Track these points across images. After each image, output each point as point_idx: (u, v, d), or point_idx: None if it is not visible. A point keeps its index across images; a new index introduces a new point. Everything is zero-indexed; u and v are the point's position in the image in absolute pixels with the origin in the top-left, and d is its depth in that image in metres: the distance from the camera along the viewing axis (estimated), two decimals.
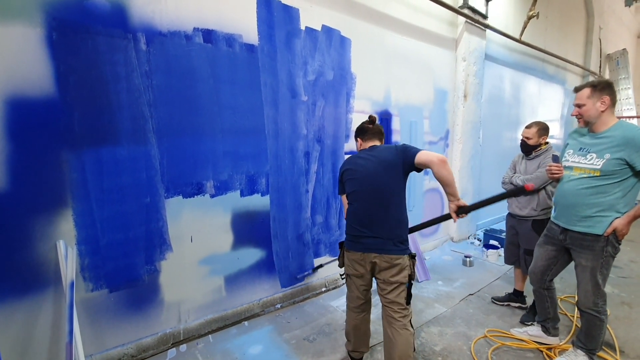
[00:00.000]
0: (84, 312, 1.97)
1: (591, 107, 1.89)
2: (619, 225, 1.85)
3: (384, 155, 1.86)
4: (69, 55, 1.81)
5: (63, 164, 1.84)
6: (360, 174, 1.88)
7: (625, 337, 2.45)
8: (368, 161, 1.87)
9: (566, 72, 7.31)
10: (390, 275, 1.81)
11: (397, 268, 1.80)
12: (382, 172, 1.82)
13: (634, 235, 5.10)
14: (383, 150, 1.89)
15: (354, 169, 1.92)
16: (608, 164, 1.82)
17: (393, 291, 1.83)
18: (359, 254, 1.88)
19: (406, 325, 1.82)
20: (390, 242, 1.81)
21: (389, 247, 1.81)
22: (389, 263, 1.80)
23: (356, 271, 1.92)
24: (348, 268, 1.98)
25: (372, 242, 1.83)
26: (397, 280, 1.81)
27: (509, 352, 2.31)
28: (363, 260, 1.87)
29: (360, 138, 2.05)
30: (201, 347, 2.34)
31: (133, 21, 1.98)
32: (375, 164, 1.84)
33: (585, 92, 1.91)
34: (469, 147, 4.54)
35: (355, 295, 2.00)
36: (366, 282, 1.95)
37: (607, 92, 1.86)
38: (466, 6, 4.13)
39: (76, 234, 1.91)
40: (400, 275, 1.81)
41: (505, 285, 3.31)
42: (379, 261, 1.82)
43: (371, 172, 1.84)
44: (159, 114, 2.12)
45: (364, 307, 2.04)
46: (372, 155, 1.89)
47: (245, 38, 2.44)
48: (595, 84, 1.90)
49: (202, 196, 2.35)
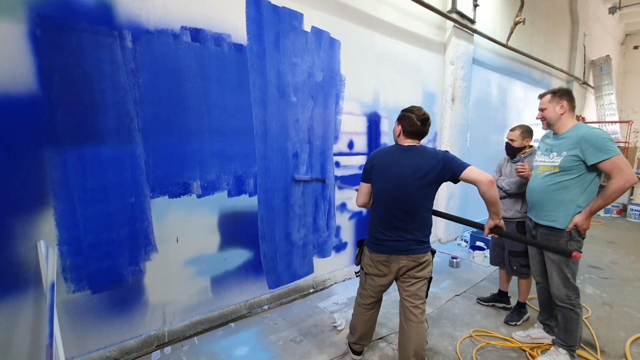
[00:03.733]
0: (65, 314, 1.93)
1: (551, 111, 2.09)
2: (579, 221, 1.98)
3: (421, 160, 1.78)
4: (53, 53, 1.78)
5: (45, 163, 1.80)
6: (391, 177, 1.82)
7: (606, 337, 2.51)
8: (403, 165, 1.80)
9: (551, 78, 7.48)
10: (417, 271, 1.89)
11: (424, 265, 1.89)
12: (414, 181, 1.76)
13: (615, 237, 5.24)
14: (421, 154, 1.80)
15: (385, 169, 1.84)
16: (565, 160, 1.99)
17: (416, 284, 1.90)
18: (384, 256, 1.90)
19: (422, 320, 1.89)
20: (414, 242, 1.86)
21: (413, 247, 1.85)
22: (416, 262, 1.87)
23: (380, 271, 1.95)
24: (370, 268, 1.98)
25: (397, 245, 1.86)
26: (422, 275, 1.89)
27: (493, 351, 2.35)
28: (388, 262, 1.90)
29: (402, 128, 1.87)
30: (186, 349, 2.31)
31: (119, 18, 1.95)
32: (410, 169, 1.78)
33: (547, 97, 2.12)
34: (456, 149, 4.60)
35: (369, 293, 2.04)
36: (387, 282, 1.98)
37: (566, 98, 2.06)
38: (454, 11, 4.20)
39: (58, 234, 1.87)
40: (425, 271, 1.90)
41: (490, 286, 3.36)
42: (406, 262, 1.87)
43: (403, 180, 1.78)
44: (145, 113, 2.09)
45: (374, 305, 2.10)
46: (408, 158, 1.81)
47: (234, 38, 2.43)
48: (556, 90, 2.11)
49: (188, 196, 2.33)
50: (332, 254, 3.36)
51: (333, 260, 3.38)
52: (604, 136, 1.89)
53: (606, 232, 5.53)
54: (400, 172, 1.80)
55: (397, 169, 1.81)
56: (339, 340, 2.44)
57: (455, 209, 4.78)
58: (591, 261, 4.11)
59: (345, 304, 2.99)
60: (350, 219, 3.51)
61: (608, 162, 1.85)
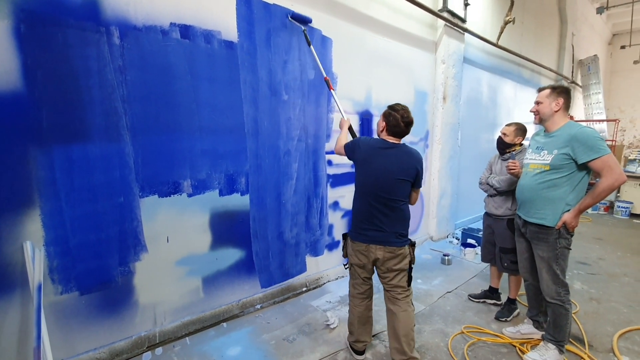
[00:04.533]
0: (53, 315, 1.90)
1: (547, 106, 2.10)
2: (568, 218, 2.00)
3: (405, 159, 1.94)
4: (38, 49, 1.73)
5: (30, 162, 1.76)
6: (373, 171, 1.93)
7: (593, 332, 2.55)
8: (385, 161, 1.92)
9: (541, 77, 7.57)
10: (393, 264, 1.97)
11: (400, 257, 1.97)
12: (395, 176, 1.90)
13: (603, 234, 5.34)
14: (405, 154, 1.95)
15: (368, 161, 1.96)
16: (556, 159, 2.01)
17: (395, 277, 2.00)
18: (363, 245, 2.00)
19: (408, 304, 2.00)
20: (393, 235, 1.95)
21: (391, 239, 1.95)
22: (392, 254, 1.96)
23: (359, 261, 2.05)
24: (352, 257, 2.10)
25: (376, 234, 1.96)
26: (399, 267, 1.98)
27: (484, 347, 2.37)
28: (366, 251, 2.00)
29: (387, 127, 1.97)
30: (178, 350, 2.29)
31: (106, 14, 1.92)
32: (392, 167, 1.91)
33: (546, 92, 2.12)
34: (448, 148, 4.63)
35: (359, 282, 2.13)
36: (367, 271, 2.09)
37: (563, 96, 2.06)
38: (445, 9, 4.22)
39: (44, 235, 1.83)
40: (402, 264, 1.98)
41: (481, 283, 3.39)
42: (382, 253, 1.96)
43: (385, 174, 1.91)
44: (134, 111, 2.06)
45: (367, 292, 2.16)
46: (391, 156, 1.93)
47: (225, 35, 2.40)
48: (556, 86, 2.11)
49: (179, 195, 2.30)
50: (324, 252, 3.36)
51: (326, 259, 3.38)
52: (594, 135, 1.91)
53: (594, 229, 5.63)
54: (382, 167, 1.91)
55: (380, 163, 1.93)
56: (332, 339, 2.44)
57: (447, 206, 4.82)
58: (579, 257, 4.18)
59: (338, 301, 2.99)
60: (342, 217, 3.51)
61: (598, 161, 1.88)
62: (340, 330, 2.53)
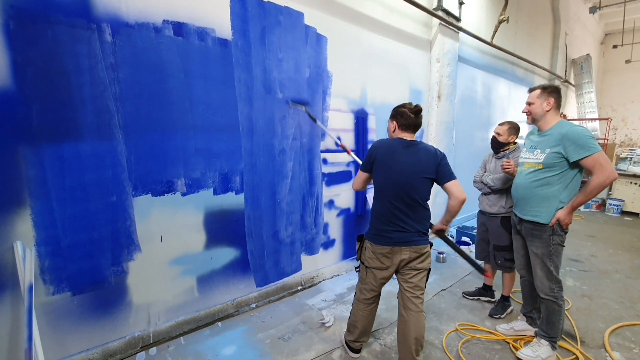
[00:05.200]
0: (44, 316, 1.87)
1: (538, 106, 2.12)
2: (562, 216, 2.03)
3: (424, 158, 1.89)
4: (28, 46, 1.70)
5: (20, 161, 1.73)
6: (394, 171, 1.88)
7: (585, 328, 2.58)
8: (406, 159, 1.88)
9: (534, 76, 7.63)
10: (418, 263, 1.95)
11: (424, 256, 1.96)
12: (416, 176, 1.87)
13: (595, 231, 5.40)
14: (423, 151, 1.90)
15: (387, 163, 1.90)
16: (548, 157, 2.04)
17: (417, 275, 1.96)
18: (387, 248, 1.93)
19: (422, 309, 1.97)
20: (416, 234, 1.93)
21: (415, 238, 1.92)
22: (418, 253, 1.93)
23: (382, 264, 1.98)
24: (372, 261, 2.01)
25: (400, 235, 1.91)
26: (423, 267, 1.96)
27: (478, 344, 2.39)
28: (390, 254, 1.94)
29: (396, 122, 1.97)
30: (172, 350, 2.27)
31: (97, 11, 1.89)
32: (412, 166, 1.87)
33: (536, 92, 2.14)
34: (442, 146, 4.64)
35: (370, 287, 2.07)
36: (389, 274, 2.02)
37: (554, 96, 2.09)
38: (440, 8, 4.22)
39: (35, 235, 1.80)
40: (425, 262, 1.97)
41: (475, 280, 3.41)
42: (409, 253, 1.92)
43: (405, 174, 1.87)
44: (126, 109, 2.03)
45: (375, 299, 2.13)
46: (411, 154, 1.89)
47: (219, 32, 2.38)
48: (546, 86, 2.14)
49: (172, 194, 2.28)
50: (320, 251, 3.36)
51: (321, 257, 3.38)
52: (585, 134, 1.94)
53: (586, 226, 5.70)
54: (402, 167, 1.87)
55: (400, 163, 1.88)
56: (328, 337, 2.44)
57: (442, 204, 4.82)
58: (572, 254, 4.23)
59: (334, 300, 2.99)
60: (338, 215, 3.51)
61: (589, 159, 1.90)
62: (335, 329, 2.53)
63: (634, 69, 10.61)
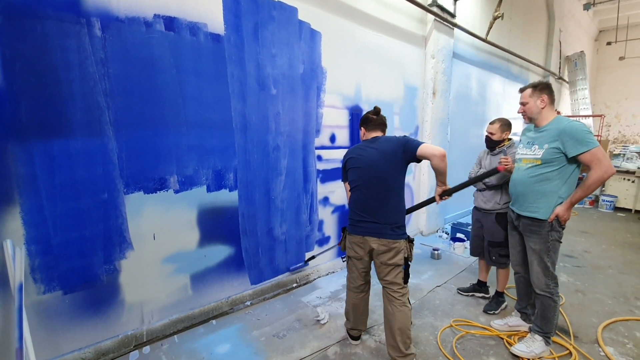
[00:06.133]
0: (36, 315, 1.85)
1: (532, 105, 2.13)
2: (560, 212, 2.03)
3: (385, 146, 1.97)
4: (16, 41, 1.68)
5: (9, 158, 1.70)
6: (363, 164, 2.00)
7: (579, 323, 2.60)
8: (370, 152, 1.99)
9: (529, 72, 7.65)
10: (388, 259, 1.96)
11: (394, 251, 1.96)
12: (383, 163, 1.94)
13: (588, 227, 5.45)
14: (384, 142, 2.00)
15: (356, 158, 2.04)
16: (546, 153, 2.03)
17: (390, 272, 1.99)
18: (359, 237, 2.03)
19: (405, 303, 2.00)
20: (388, 227, 1.95)
21: (386, 231, 1.95)
22: (386, 247, 1.95)
23: (356, 253, 2.08)
24: (349, 250, 2.14)
25: (371, 226, 1.98)
26: (394, 262, 1.96)
27: (472, 340, 2.39)
28: (363, 244, 2.03)
29: (364, 127, 2.14)
30: (166, 348, 2.25)
31: (86, 5, 1.85)
32: (377, 155, 1.96)
33: (528, 92, 2.15)
34: (437, 143, 4.65)
35: (355, 276, 2.17)
36: (365, 264, 2.11)
37: (546, 92, 2.09)
38: (435, 4, 4.21)
39: (25, 233, 1.78)
40: (396, 258, 1.96)
41: (470, 277, 3.42)
42: (377, 245, 1.97)
43: (373, 163, 1.96)
44: (117, 105, 2.00)
45: (363, 287, 2.20)
46: (374, 147, 2.00)
47: (211, 27, 2.35)
48: (536, 84, 2.14)
49: (165, 192, 2.26)
50: (315, 248, 3.35)
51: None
52: (583, 129, 1.94)
53: (580, 222, 5.74)
54: (370, 160, 1.97)
55: (367, 155, 2.00)
56: (323, 334, 2.44)
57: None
58: (565, 250, 4.25)
59: (329, 297, 2.99)
60: (332, 212, 3.50)
61: (587, 154, 1.90)
62: (330, 326, 2.53)
63: (628, 66, 10.70)
